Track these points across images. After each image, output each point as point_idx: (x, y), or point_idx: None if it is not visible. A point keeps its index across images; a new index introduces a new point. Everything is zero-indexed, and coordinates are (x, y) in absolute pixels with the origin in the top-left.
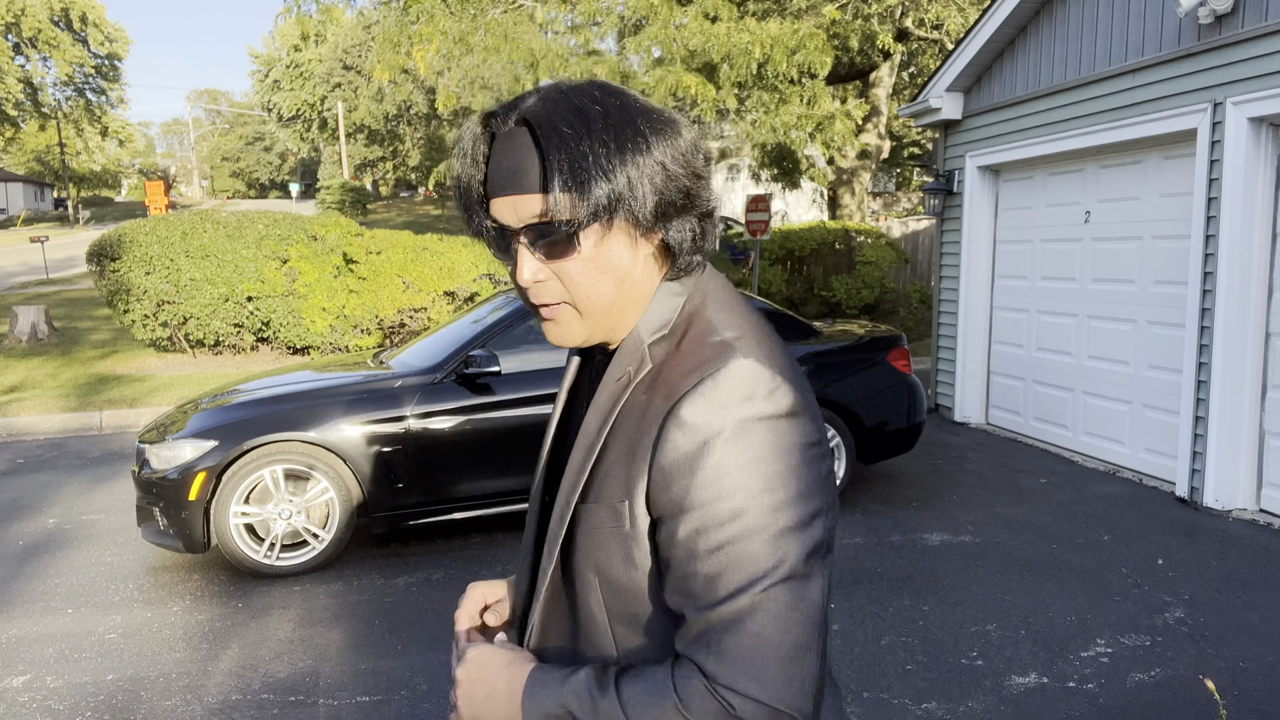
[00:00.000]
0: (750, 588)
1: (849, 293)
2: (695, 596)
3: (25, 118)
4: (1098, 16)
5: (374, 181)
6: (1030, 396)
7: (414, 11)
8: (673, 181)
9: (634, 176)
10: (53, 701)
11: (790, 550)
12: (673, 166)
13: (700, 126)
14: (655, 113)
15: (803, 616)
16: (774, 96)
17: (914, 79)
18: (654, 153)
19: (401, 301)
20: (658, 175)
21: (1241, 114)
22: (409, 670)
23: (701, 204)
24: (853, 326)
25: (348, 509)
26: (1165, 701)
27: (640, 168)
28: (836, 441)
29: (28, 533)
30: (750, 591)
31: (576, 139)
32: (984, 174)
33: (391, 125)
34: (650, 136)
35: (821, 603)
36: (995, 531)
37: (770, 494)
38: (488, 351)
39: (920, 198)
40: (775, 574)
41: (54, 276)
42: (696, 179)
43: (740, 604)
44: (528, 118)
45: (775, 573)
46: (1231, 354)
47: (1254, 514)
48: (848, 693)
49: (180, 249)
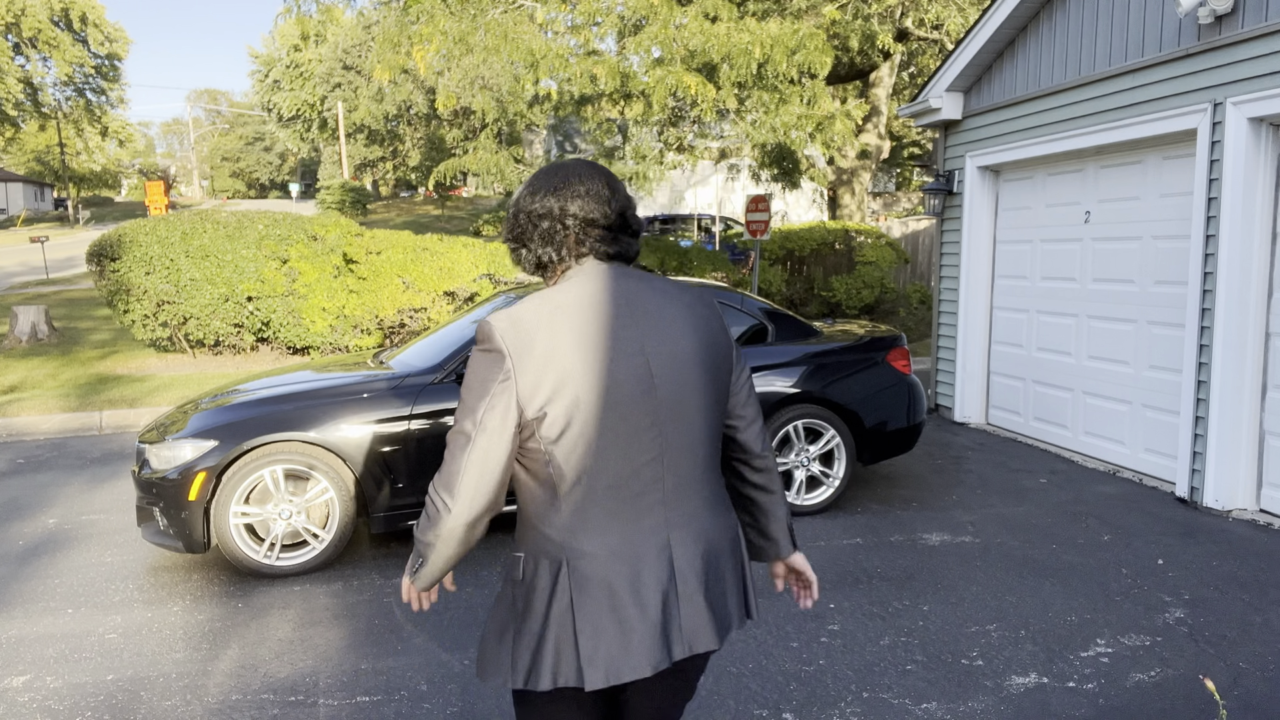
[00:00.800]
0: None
1: (849, 293)
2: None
3: (25, 118)
4: (1098, 16)
5: (374, 181)
6: (1030, 396)
7: (414, 11)
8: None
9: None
10: (53, 701)
11: (459, 418)
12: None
13: (700, 126)
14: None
15: (460, 454)
16: (774, 96)
17: (914, 79)
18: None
19: (401, 301)
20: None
21: (1241, 114)
22: (409, 670)
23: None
24: (853, 326)
25: (348, 509)
26: (1165, 701)
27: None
28: (836, 442)
29: (28, 533)
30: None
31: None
32: (984, 174)
33: (391, 125)
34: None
35: (476, 448)
36: (995, 531)
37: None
38: None
39: (920, 198)
40: (454, 429)
41: (54, 276)
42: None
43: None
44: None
45: (453, 429)
46: (1231, 354)
47: (1254, 514)
48: (847, 692)
49: (180, 249)
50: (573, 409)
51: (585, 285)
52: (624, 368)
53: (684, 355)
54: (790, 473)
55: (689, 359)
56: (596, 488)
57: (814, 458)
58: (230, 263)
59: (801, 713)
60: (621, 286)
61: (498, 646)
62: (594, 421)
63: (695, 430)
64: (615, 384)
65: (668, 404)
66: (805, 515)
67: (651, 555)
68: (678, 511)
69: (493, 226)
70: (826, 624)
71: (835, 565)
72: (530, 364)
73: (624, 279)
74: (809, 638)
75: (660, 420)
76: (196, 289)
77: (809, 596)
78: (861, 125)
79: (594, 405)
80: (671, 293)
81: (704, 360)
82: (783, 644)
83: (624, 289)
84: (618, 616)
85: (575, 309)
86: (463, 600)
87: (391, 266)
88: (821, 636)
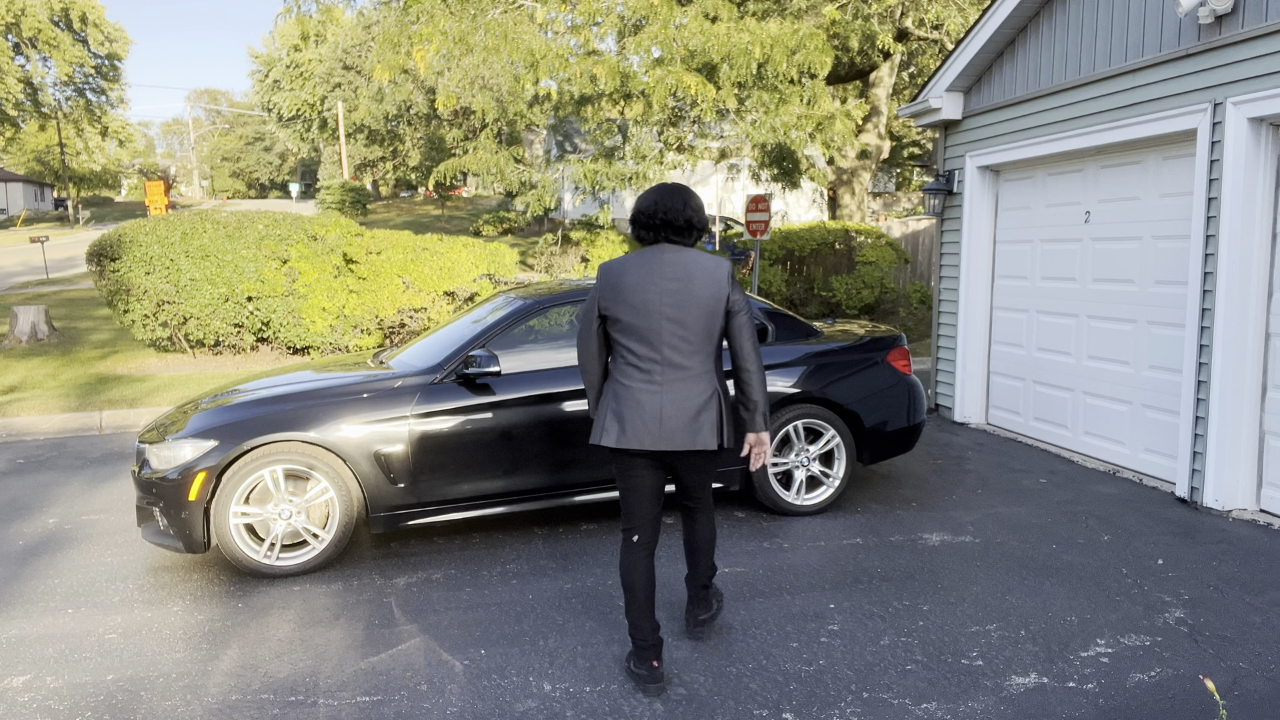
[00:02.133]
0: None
1: (849, 293)
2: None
3: (25, 118)
4: (1098, 16)
5: (374, 181)
6: (1030, 396)
7: (414, 11)
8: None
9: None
10: (53, 701)
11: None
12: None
13: (700, 126)
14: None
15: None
16: (774, 96)
17: (914, 79)
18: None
19: (401, 301)
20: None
21: (1241, 114)
22: (409, 670)
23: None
24: (853, 326)
25: (348, 509)
26: (1165, 702)
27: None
28: (836, 442)
29: (28, 533)
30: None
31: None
32: (984, 174)
33: (391, 125)
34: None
35: (586, 327)
36: (995, 531)
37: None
38: (488, 352)
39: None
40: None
41: (54, 276)
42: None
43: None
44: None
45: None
46: (1231, 354)
47: (1254, 514)
48: (847, 692)
49: (180, 249)
50: (619, 315)
51: (640, 253)
52: (645, 296)
53: (686, 292)
54: (790, 473)
55: (689, 295)
56: (630, 356)
57: (814, 458)
58: (230, 263)
59: (801, 713)
60: (660, 254)
61: (593, 431)
62: (628, 322)
63: (688, 336)
64: (642, 303)
65: (669, 319)
66: (805, 515)
67: (653, 392)
68: (669, 376)
69: (493, 226)
70: (826, 624)
71: (835, 565)
72: (605, 290)
73: (665, 250)
74: (809, 638)
75: (661, 328)
76: (196, 289)
77: (759, 459)
78: (861, 125)
79: (629, 315)
80: (695, 259)
81: (700, 297)
82: (783, 644)
83: (661, 256)
84: (634, 415)
85: (629, 263)
86: (463, 600)
87: (391, 266)
88: (821, 636)
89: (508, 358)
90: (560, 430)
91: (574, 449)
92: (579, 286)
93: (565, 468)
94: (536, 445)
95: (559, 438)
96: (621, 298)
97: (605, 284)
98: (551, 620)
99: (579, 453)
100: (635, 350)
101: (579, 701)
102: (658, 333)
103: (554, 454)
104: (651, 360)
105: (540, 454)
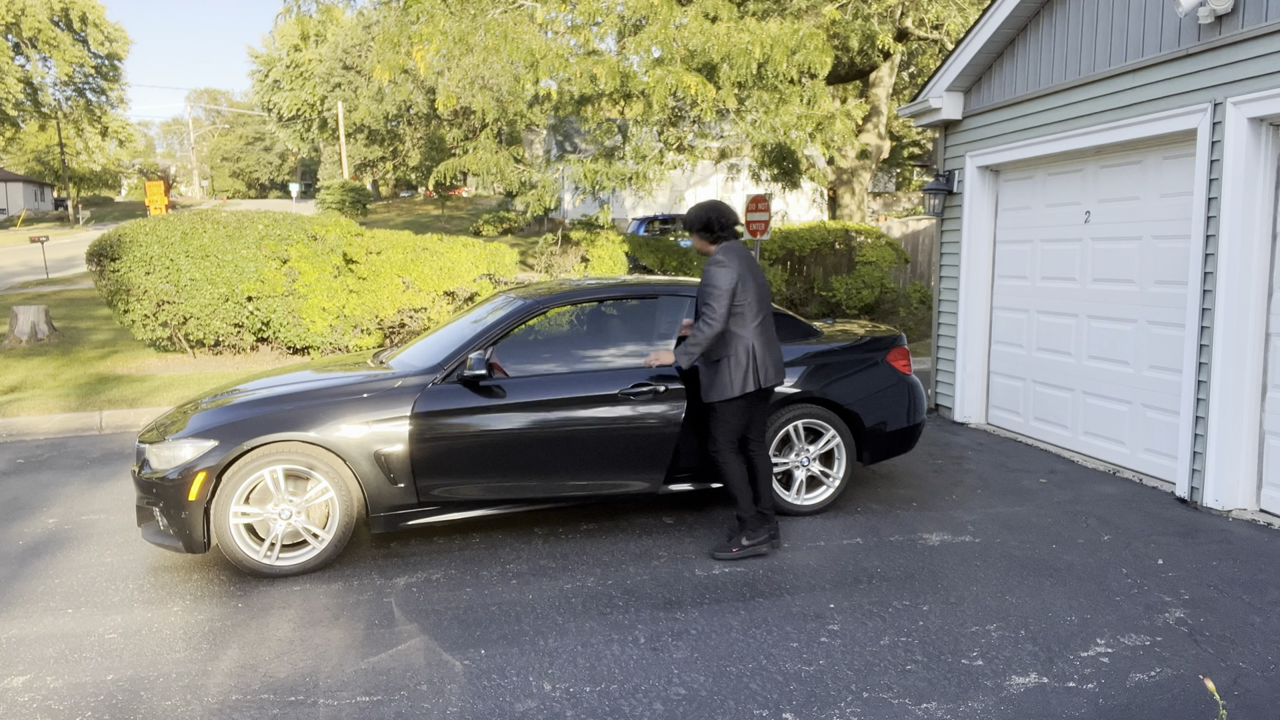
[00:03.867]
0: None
1: (849, 293)
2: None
3: (25, 118)
4: (1098, 16)
5: (374, 181)
6: (1030, 396)
7: (414, 11)
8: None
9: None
10: (53, 701)
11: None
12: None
13: (700, 126)
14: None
15: (718, 304)
16: (774, 96)
17: (914, 79)
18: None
19: (401, 301)
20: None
21: (1241, 114)
22: (409, 670)
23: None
24: (853, 326)
25: (348, 509)
26: (1165, 701)
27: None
28: (836, 442)
29: (28, 533)
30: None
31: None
32: (984, 174)
33: (391, 125)
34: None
35: (722, 302)
36: (995, 531)
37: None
38: (487, 352)
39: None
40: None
41: (54, 276)
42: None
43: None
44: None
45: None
46: (1231, 354)
47: (1254, 514)
48: (847, 692)
49: (180, 249)
50: (745, 291)
51: (733, 246)
52: (758, 277)
53: (764, 278)
54: (790, 473)
55: (766, 280)
56: (753, 323)
57: (814, 458)
58: (230, 263)
59: (801, 713)
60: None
61: (714, 389)
62: (751, 297)
63: (770, 307)
64: (757, 283)
65: (766, 295)
66: (805, 515)
67: (769, 348)
68: (772, 337)
69: (493, 226)
70: (826, 624)
71: (835, 565)
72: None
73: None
74: (809, 638)
75: (766, 301)
76: (196, 289)
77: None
78: (861, 125)
79: (751, 291)
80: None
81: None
82: (783, 644)
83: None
84: (757, 364)
85: (736, 251)
86: (463, 600)
87: (391, 266)
88: (821, 636)
89: (508, 358)
90: (562, 430)
91: (575, 449)
92: (579, 286)
93: (566, 467)
94: (537, 445)
95: (560, 438)
96: (745, 278)
97: (741, 270)
98: (551, 620)
99: (579, 452)
100: (755, 320)
101: (579, 701)
102: (764, 306)
103: (555, 454)
104: (766, 326)
105: (541, 454)
